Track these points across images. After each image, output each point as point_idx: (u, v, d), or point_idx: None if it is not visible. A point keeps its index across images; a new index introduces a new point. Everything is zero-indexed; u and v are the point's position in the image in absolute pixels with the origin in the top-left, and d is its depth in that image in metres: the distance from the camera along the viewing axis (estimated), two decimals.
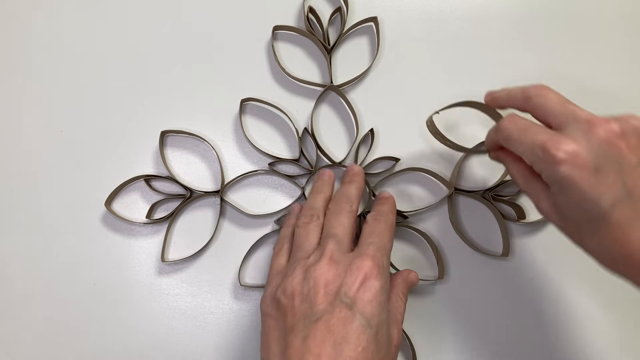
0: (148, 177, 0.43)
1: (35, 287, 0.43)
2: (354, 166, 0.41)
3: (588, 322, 0.42)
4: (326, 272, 0.32)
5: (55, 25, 0.45)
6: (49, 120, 0.44)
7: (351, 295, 0.31)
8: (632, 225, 0.28)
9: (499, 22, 0.45)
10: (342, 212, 0.36)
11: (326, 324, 0.30)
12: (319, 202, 0.38)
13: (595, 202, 0.28)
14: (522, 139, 0.32)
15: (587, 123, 0.29)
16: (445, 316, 0.43)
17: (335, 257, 0.33)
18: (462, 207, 0.44)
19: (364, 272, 0.32)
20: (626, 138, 0.29)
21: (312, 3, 0.44)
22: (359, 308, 0.31)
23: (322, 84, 0.44)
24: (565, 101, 0.32)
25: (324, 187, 0.40)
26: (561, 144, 0.29)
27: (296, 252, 0.36)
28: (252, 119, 0.44)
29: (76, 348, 0.42)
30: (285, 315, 0.32)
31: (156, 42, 0.45)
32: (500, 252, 0.43)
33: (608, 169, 0.28)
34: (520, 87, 0.34)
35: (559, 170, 0.29)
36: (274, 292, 0.34)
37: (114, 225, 0.43)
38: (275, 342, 0.32)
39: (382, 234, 0.35)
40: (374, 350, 0.31)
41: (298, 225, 0.37)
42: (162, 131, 0.43)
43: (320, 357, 0.29)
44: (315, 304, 0.31)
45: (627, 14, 0.45)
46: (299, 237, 0.36)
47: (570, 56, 0.45)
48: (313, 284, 0.32)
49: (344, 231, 0.35)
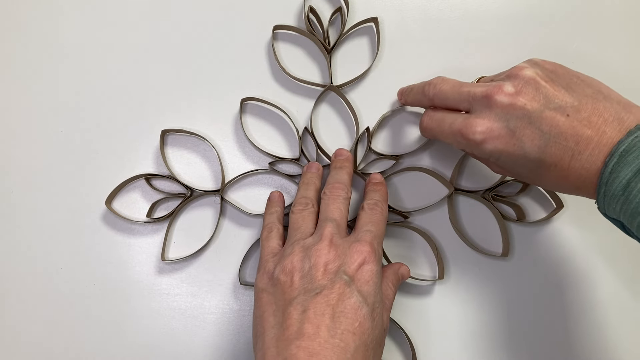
0: (148, 176, 0.43)
1: (35, 287, 0.43)
2: (342, 150, 0.42)
3: (588, 321, 0.42)
4: (326, 253, 0.33)
5: (55, 25, 0.45)
6: (49, 120, 0.44)
7: (350, 274, 0.32)
8: (563, 159, 0.31)
9: (498, 22, 0.45)
10: (338, 198, 0.38)
11: (325, 298, 0.31)
12: (310, 192, 0.39)
13: (526, 156, 0.32)
14: (442, 131, 0.36)
15: (485, 98, 0.32)
16: (445, 316, 0.43)
17: (334, 240, 0.34)
18: (462, 207, 0.44)
19: (363, 256, 0.33)
20: (522, 93, 0.32)
21: (312, 3, 0.44)
22: (357, 286, 0.32)
23: (322, 84, 0.44)
24: (459, 86, 0.35)
25: (313, 179, 0.41)
26: (474, 127, 0.32)
27: (293, 235, 0.36)
28: (253, 118, 0.44)
29: (76, 348, 0.42)
30: (283, 290, 0.33)
31: (156, 42, 0.45)
32: (500, 252, 0.43)
33: (521, 126, 0.31)
34: (420, 88, 0.39)
35: (484, 148, 0.32)
36: (272, 270, 0.35)
37: (114, 224, 0.43)
38: (272, 315, 0.33)
39: (378, 223, 0.37)
40: (369, 327, 0.32)
41: (293, 211, 0.38)
42: (163, 130, 0.43)
43: (319, 328, 0.30)
44: (315, 280, 0.32)
45: (627, 14, 0.45)
46: (295, 223, 0.37)
47: (570, 56, 0.45)
48: (314, 263, 0.33)
49: (341, 216, 0.37)
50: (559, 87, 0.32)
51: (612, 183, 0.29)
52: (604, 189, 0.30)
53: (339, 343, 0.30)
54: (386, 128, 0.44)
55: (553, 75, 0.32)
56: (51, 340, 0.42)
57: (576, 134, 0.30)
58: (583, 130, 0.30)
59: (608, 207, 0.30)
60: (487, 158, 0.34)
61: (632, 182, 0.28)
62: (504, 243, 0.43)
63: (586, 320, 0.42)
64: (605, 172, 0.29)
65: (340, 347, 0.30)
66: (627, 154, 0.28)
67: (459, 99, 0.35)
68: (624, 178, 0.28)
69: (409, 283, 0.43)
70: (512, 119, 0.31)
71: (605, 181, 0.29)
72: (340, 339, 0.30)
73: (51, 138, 0.44)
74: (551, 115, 0.31)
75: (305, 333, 0.30)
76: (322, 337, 0.30)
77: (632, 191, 0.28)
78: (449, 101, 0.36)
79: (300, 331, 0.30)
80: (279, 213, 0.41)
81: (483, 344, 0.42)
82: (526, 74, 0.32)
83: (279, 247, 0.38)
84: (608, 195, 0.29)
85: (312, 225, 0.37)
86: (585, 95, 0.31)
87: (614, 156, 0.29)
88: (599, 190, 0.30)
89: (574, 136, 0.30)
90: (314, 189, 0.40)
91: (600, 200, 0.30)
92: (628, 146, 0.28)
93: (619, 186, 0.29)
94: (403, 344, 0.42)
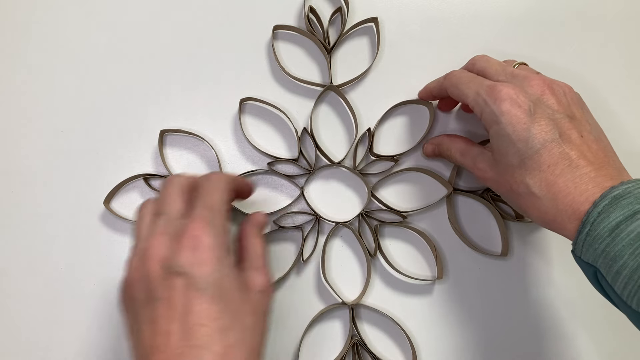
0: (147, 176, 0.43)
1: (35, 287, 0.43)
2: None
3: (588, 321, 0.42)
4: (155, 246, 0.31)
5: (55, 25, 0.45)
6: (49, 120, 0.44)
7: (183, 263, 0.30)
8: (558, 165, 0.31)
9: (498, 22, 0.45)
10: (172, 184, 0.35)
11: (167, 301, 0.30)
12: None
13: (528, 140, 0.32)
14: (469, 83, 0.36)
15: (525, 78, 0.34)
16: (445, 316, 0.43)
17: (163, 229, 0.32)
18: (461, 207, 0.44)
19: (191, 234, 0.31)
20: (556, 95, 0.33)
21: (312, 3, 0.44)
22: (194, 273, 0.30)
23: (322, 84, 0.44)
24: (504, 64, 0.37)
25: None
26: (503, 87, 0.33)
27: (135, 243, 0.35)
28: (252, 118, 0.44)
29: (76, 348, 0.42)
30: (129, 307, 0.32)
31: (156, 41, 0.45)
32: (499, 251, 0.43)
33: (540, 114, 0.32)
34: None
35: (501, 105, 0.33)
36: (122, 284, 0.33)
37: (114, 224, 0.43)
38: (131, 335, 0.32)
39: (210, 190, 0.34)
40: (221, 309, 0.30)
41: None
42: (162, 130, 0.43)
43: (169, 334, 0.29)
44: (151, 285, 0.31)
45: (626, 13, 0.45)
46: (136, 230, 0.35)
47: (570, 56, 0.45)
48: (144, 265, 0.31)
49: (173, 203, 0.34)
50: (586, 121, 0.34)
51: (599, 223, 0.29)
52: (589, 228, 0.29)
53: (195, 343, 0.29)
54: (385, 128, 0.44)
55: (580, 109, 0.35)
56: (51, 340, 0.42)
57: (583, 155, 0.31)
58: (588, 158, 0.31)
59: (587, 249, 0.30)
60: (492, 124, 0.34)
61: (622, 225, 0.28)
62: (503, 242, 0.43)
63: (587, 319, 0.43)
64: (593, 211, 0.29)
65: (197, 346, 0.29)
66: (622, 198, 0.29)
67: (501, 70, 0.36)
68: (614, 220, 0.28)
69: (408, 283, 0.43)
70: (536, 104, 0.33)
71: (592, 220, 0.29)
72: (196, 337, 0.29)
73: (51, 138, 0.44)
74: (570, 125, 0.32)
75: (158, 346, 0.29)
76: (173, 345, 0.29)
77: (620, 234, 0.28)
78: (489, 70, 0.37)
79: (153, 345, 0.29)
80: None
81: (483, 343, 0.42)
82: (569, 92, 0.35)
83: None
84: (591, 236, 0.29)
85: (150, 226, 0.34)
86: (601, 140, 0.34)
87: (605, 198, 0.29)
88: (582, 230, 0.30)
89: (580, 157, 0.31)
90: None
91: (580, 241, 0.30)
92: (623, 191, 0.29)
93: (606, 227, 0.29)
94: (403, 343, 0.42)
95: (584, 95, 0.36)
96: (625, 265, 0.28)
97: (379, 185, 0.44)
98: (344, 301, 0.42)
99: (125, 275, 0.33)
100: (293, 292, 0.43)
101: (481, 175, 0.37)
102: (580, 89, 0.36)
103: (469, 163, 0.38)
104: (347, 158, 0.43)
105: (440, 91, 0.40)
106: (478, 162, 0.37)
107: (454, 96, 0.38)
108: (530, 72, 0.35)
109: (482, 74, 0.37)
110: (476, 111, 0.35)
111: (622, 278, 0.28)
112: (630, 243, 0.28)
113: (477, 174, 0.38)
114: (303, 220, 0.43)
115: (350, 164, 0.43)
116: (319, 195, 0.44)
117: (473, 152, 0.38)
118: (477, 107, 0.35)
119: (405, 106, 0.44)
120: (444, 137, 0.41)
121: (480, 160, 0.37)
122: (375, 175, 0.43)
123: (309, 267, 0.43)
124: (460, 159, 0.39)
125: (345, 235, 0.44)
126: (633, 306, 0.28)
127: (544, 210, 0.32)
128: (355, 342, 0.42)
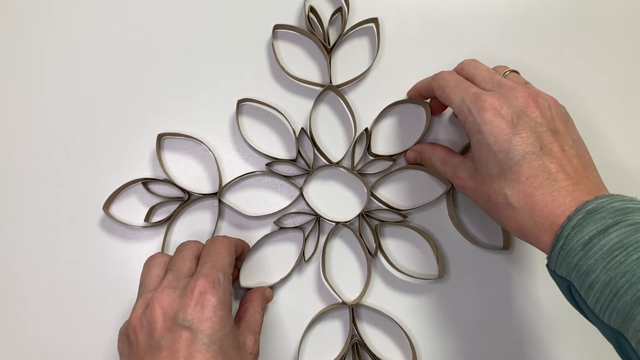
0: (146, 180, 0.43)
1: (35, 287, 0.43)
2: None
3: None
4: (162, 298, 0.33)
5: (54, 26, 0.45)
6: (48, 123, 0.44)
7: (189, 317, 0.32)
8: (537, 177, 0.31)
9: (498, 22, 0.45)
10: (184, 248, 0.38)
11: (169, 350, 0.31)
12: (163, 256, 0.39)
13: (509, 151, 0.32)
14: (455, 88, 0.36)
15: (511, 89, 0.34)
16: (445, 315, 0.43)
17: (172, 284, 0.34)
18: (460, 203, 0.44)
19: (199, 291, 0.33)
20: (541, 109, 0.33)
21: (313, 3, 0.44)
22: (198, 327, 0.32)
23: (322, 84, 0.43)
24: (492, 71, 0.37)
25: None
26: (488, 96, 0.33)
27: (139, 291, 0.36)
28: (250, 119, 0.44)
29: (76, 348, 0.42)
30: (133, 351, 0.33)
31: (155, 43, 0.44)
32: (500, 245, 0.43)
33: (523, 126, 0.32)
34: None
35: (484, 115, 0.33)
36: (124, 329, 0.35)
37: (113, 228, 0.43)
38: None
39: (217, 251, 0.36)
40: None
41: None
42: (159, 134, 0.42)
43: None
44: (155, 334, 0.32)
45: (626, 13, 0.45)
46: (141, 277, 0.37)
47: (569, 56, 0.45)
48: (150, 314, 0.33)
49: (184, 263, 0.36)
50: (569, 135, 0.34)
51: (573, 237, 0.29)
52: (563, 242, 0.30)
53: None
54: (383, 128, 0.44)
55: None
56: (51, 340, 0.42)
57: (562, 169, 0.31)
58: (568, 172, 0.31)
59: (561, 263, 0.30)
60: (474, 133, 0.34)
61: (595, 239, 0.28)
62: (505, 236, 0.43)
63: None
64: (567, 225, 0.29)
65: None
66: (595, 213, 0.29)
67: (488, 78, 0.36)
68: (587, 234, 0.28)
69: (408, 282, 0.43)
70: (519, 115, 0.33)
71: (567, 234, 0.29)
72: None
73: (50, 141, 0.44)
74: (551, 139, 0.32)
75: None
76: None
77: (593, 248, 0.28)
78: (477, 77, 0.36)
79: None
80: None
81: (484, 343, 0.43)
82: (554, 105, 0.34)
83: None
84: (565, 250, 0.29)
85: (158, 279, 0.36)
86: (583, 155, 0.34)
87: (579, 212, 0.29)
88: (556, 243, 0.30)
89: (559, 170, 0.31)
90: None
91: (555, 254, 0.30)
92: (597, 206, 0.29)
93: (579, 241, 0.29)
94: (403, 344, 0.43)
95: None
96: (598, 279, 0.28)
97: (378, 184, 0.44)
98: (344, 301, 0.42)
99: (129, 320, 0.34)
100: (293, 292, 0.43)
101: (461, 184, 0.37)
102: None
103: (449, 172, 0.38)
104: (345, 158, 0.43)
105: (429, 91, 0.40)
106: (458, 172, 0.37)
107: (440, 98, 0.37)
108: (517, 83, 0.35)
109: (470, 80, 0.37)
110: (460, 118, 0.35)
111: (595, 292, 0.28)
112: (602, 257, 0.28)
113: (457, 182, 0.38)
114: (303, 220, 0.43)
115: (348, 164, 0.43)
116: (318, 195, 0.44)
117: (454, 161, 0.38)
118: (462, 114, 0.35)
119: (403, 105, 0.44)
120: (426, 145, 0.42)
121: (460, 170, 0.37)
122: (373, 175, 0.43)
123: (309, 267, 0.43)
124: (440, 168, 0.39)
125: (345, 235, 0.44)
126: (605, 320, 0.28)
127: (521, 221, 0.32)
128: (355, 342, 0.42)
